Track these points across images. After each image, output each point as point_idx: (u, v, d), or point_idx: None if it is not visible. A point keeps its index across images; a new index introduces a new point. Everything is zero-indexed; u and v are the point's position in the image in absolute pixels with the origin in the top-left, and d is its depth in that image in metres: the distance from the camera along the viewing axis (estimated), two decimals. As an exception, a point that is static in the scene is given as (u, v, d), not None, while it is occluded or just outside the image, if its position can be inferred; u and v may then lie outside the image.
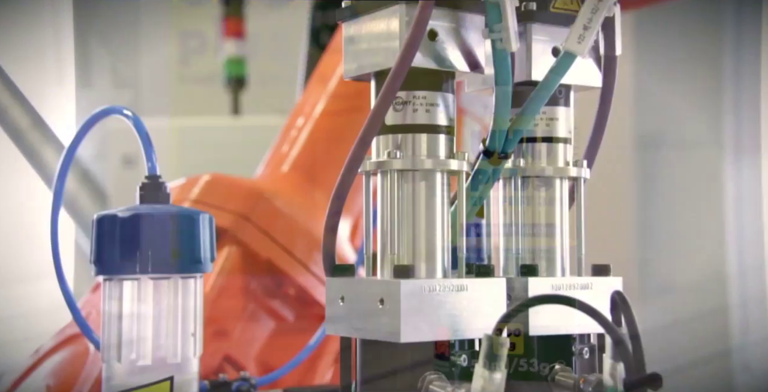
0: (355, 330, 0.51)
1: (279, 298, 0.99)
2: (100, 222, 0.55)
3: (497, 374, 0.43)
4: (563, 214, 0.56)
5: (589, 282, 0.53)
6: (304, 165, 1.04)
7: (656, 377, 0.39)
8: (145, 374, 0.56)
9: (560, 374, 0.52)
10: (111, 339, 0.55)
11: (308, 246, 0.98)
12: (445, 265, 0.52)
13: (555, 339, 0.53)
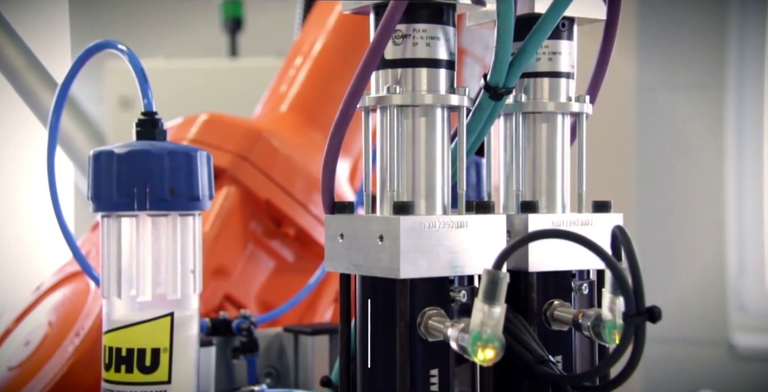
0: (355, 266, 0.51)
1: (278, 238, 0.99)
2: (97, 158, 0.54)
3: (497, 308, 0.43)
4: (564, 150, 0.55)
5: (590, 219, 0.53)
6: (303, 105, 1.03)
7: (655, 310, 0.39)
8: (145, 310, 0.56)
9: (559, 309, 0.52)
10: (110, 274, 0.55)
11: (307, 187, 0.98)
12: (444, 202, 0.51)
13: (554, 275, 0.53)
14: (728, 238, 1.92)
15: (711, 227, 1.92)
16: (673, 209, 1.95)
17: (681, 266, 1.91)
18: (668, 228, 1.94)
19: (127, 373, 0.55)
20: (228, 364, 0.80)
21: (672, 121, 1.95)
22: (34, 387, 0.72)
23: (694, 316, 1.88)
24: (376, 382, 0.50)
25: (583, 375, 0.47)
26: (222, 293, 0.92)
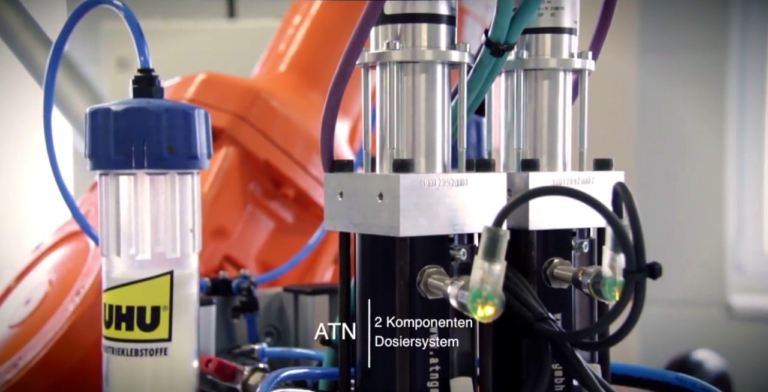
0: (354, 225, 0.51)
1: (278, 199, 0.99)
2: (93, 116, 0.54)
3: (497, 265, 0.43)
4: (566, 108, 0.55)
5: (591, 177, 0.53)
6: (302, 64, 1.02)
7: (655, 266, 0.39)
8: (144, 268, 0.56)
9: (559, 268, 0.52)
10: (109, 233, 0.55)
11: (306, 148, 0.98)
12: (445, 160, 0.51)
13: (554, 234, 0.53)
14: (727, 199, 1.93)
15: (711, 188, 1.92)
16: (673, 171, 1.95)
17: (680, 228, 1.91)
18: (668, 190, 1.94)
19: (128, 331, 0.55)
20: (228, 323, 0.80)
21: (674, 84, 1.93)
22: (35, 345, 0.73)
23: (691, 277, 1.89)
24: (375, 344, 0.50)
25: (583, 331, 0.47)
26: (222, 253, 0.92)
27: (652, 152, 1.94)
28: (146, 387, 0.56)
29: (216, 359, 0.67)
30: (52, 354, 0.72)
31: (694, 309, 1.91)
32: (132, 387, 0.56)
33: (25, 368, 0.72)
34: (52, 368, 0.72)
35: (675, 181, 1.94)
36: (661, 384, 0.54)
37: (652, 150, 1.94)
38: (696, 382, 0.53)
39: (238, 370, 0.67)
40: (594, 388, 0.46)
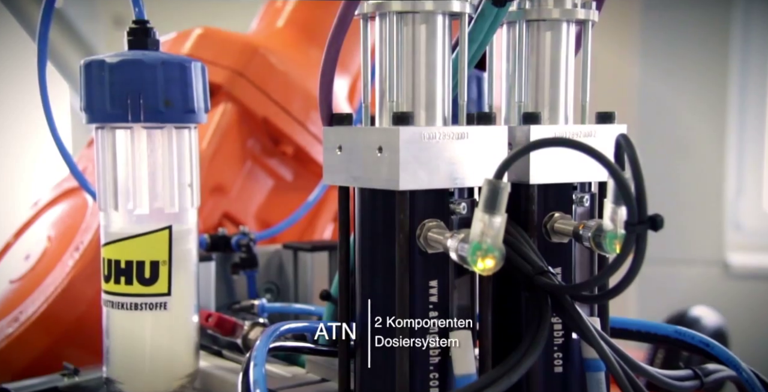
0: (354, 179, 0.50)
1: (277, 157, 0.99)
2: (88, 68, 0.53)
3: (497, 218, 0.43)
4: (569, 60, 0.54)
5: (593, 130, 0.52)
6: (300, 20, 1.01)
7: (657, 218, 0.39)
8: (143, 223, 0.56)
9: (559, 222, 0.51)
10: (106, 187, 0.55)
11: (305, 104, 0.97)
12: (445, 113, 0.50)
13: (555, 188, 0.52)
14: (728, 158, 1.92)
15: (711, 146, 1.91)
16: (674, 128, 1.94)
17: (679, 186, 1.91)
18: (668, 147, 1.93)
19: (127, 285, 0.55)
20: (228, 279, 0.80)
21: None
22: (35, 300, 0.73)
23: (690, 236, 1.90)
24: (375, 294, 0.50)
25: (583, 284, 0.47)
26: (221, 211, 0.92)
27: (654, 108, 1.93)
28: (146, 341, 0.56)
29: (216, 314, 0.67)
30: (53, 309, 0.72)
31: (692, 268, 1.92)
32: (132, 341, 0.56)
33: (26, 322, 0.72)
34: (52, 322, 0.73)
35: (675, 138, 1.93)
36: (660, 337, 0.54)
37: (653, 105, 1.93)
38: (694, 335, 0.53)
39: (238, 325, 0.67)
40: (593, 341, 0.46)
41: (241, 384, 0.44)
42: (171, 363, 0.57)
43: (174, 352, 0.57)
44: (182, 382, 0.59)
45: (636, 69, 1.90)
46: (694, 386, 0.51)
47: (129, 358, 0.56)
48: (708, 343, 0.52)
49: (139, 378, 0.57)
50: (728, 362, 0.52)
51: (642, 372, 0.47)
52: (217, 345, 0.71)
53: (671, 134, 1.93)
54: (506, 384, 0.45)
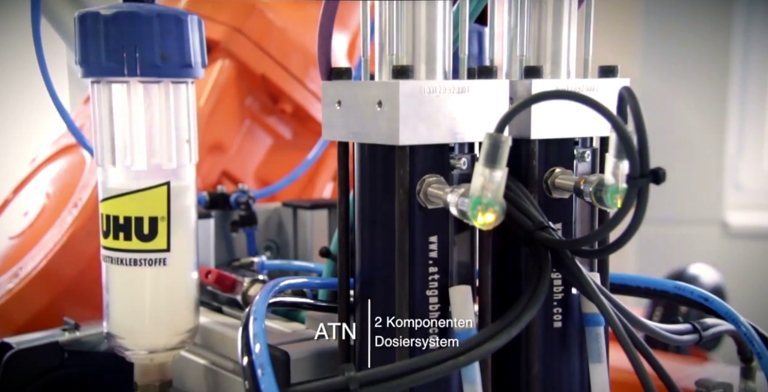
0: (353, 134, 0.50)
1: (275, 115, 0.98)
2: (82, 20, 0.52)
3: (498, 172, 0.42)
4: (571, 13, 0.53)
5: (596, 84, 0.52)
6: (298, -25, 0.99)
7: (659, 171, 0.39)
8: (140, 179, 0.55)
9: (560, 177, 0.51)
10: (103, 142, 0.54)
11: (303, 62, 0.96)
12: (445, 67, 0.50)
13: (556, 143, 0.52)
14: (729, 115, 1.91)
15: (712, 103, 1.90)
16: (676, 85, 1.92)
17: (679, 145, 1.90)
18: (669, 103, 1.92)
19: (126, 241, 0.55)
20: (227, 237, 0.80)
21: None
22: (35, 256, 0.73)
23: (689, 195, 1.89)
24: (375, 251, 0.50)
25: (583, 238, 0.47)
26: (219, 169, 0.92)
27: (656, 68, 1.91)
28: (146, 296, 0.57)
29: (216, 270, 0.67)
30: (52, 265, 0.73)
31: (691, 228, 1.92)
32: (132, 297, 0.57)
33: (25, 278, 0.72)
34: (52, 278, 0.73)
35: (676, 95, 1.92)
36: (659, 292, 0.54)
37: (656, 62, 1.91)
38: (693, 290, 0.53)
39: (238, 281, 0.67)
40: (593, 295, 0.46)
41: (240, 338, 0.44)
42: (171, 319, 0.57)
43: (174, 308, 0.58)
44: (183, 337, 0.59)
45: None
46: (692, 340, 0.51)
47: (129, 313, 0.57)
48: (707, 298, 0.53)
49: (139, 333, 0.57)
50: (727, 316, 0.52)
51: (641, 327, 0.48)
52: (217, 302, 0.72)
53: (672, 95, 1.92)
54: (505, 338, 0.45)
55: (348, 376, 0.43)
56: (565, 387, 0.53)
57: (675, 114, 1.93)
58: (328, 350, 0.58)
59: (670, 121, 1.92)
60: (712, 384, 0.53)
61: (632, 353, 0.44)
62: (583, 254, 0.48)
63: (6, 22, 1.59)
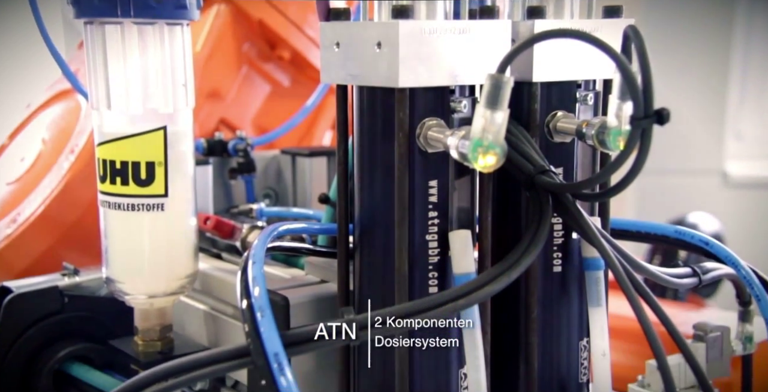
0: (352, 77, 0.49)
1: (273, 62, 0.97)
2: (73, -41, 0.50)
3: (499, 113, 0.42)
4: (576, -49, 0.52)
5: (599, 25, 0.50)
6: None
7: (663, 112, 0.38)
8: (137, 123, 0.55)
9: (562, 121, 0.50)
10: (98, 85, 0.54)
11: (301, 7, 0.94)
12: (446, 7, 0.49)
13: (558, 86, 0.51)
14: (732, 64, 1.89)
15: (715, 52, 1.88)
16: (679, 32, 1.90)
17: (681, 94, 1.89)
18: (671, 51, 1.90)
19: (123, 185, 0.54)
20: (226, 184, 0.80)
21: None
22: (33, 201, 0.73)
23: (690, 146, 1.89)
24: (374, 196, 0.50)
25: (585, 181, 0.46)
26: (217, 116, 0.91)
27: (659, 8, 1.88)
28: (145, 242, 0.56)
29: (214, 217, 0.67)
30: (50, 211, 0.72)
31: (691, 178, 1.92)
32: (130, 242, 0.56)
33: (24, 223, 0.72)
34: (50, 224, 0.73)
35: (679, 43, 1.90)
36: (660, 237, 0.54)
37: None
38: (694, 234, 0.53)
39: (237, 228, 0.67)
40: (594, 239, 0.46)
41: (239, 282, 0.44)
42: (170, 264, 0.57)
43: (173, 253, 0.57)
44: (182, 283, 0.59)
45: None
46: (692, 283, 0.51)
47: (128, 259, 0.57)
48: (707, 242, 0.52)
49: (138, 279, 0.57)
50: (727, 260, 0.52)
51: (641, 270, 0.48)
52: (216, 248, 0.72)
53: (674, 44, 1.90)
54: (505, 281, 0.45)
55: (347, 319, 0.43)
56: (564, 330, 0.53)
57: (676, 63, 1.91)
58: (327, 295, 0.58)
59: (671, 70, 1.90)
60: (709, 328, 0.53)
61: (632, 296, 0.43)
62: (584, 198, 0.48)
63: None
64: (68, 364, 0.62)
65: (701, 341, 0.53)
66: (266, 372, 0.40)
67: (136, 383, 0.40)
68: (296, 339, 0.42)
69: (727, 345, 0.54)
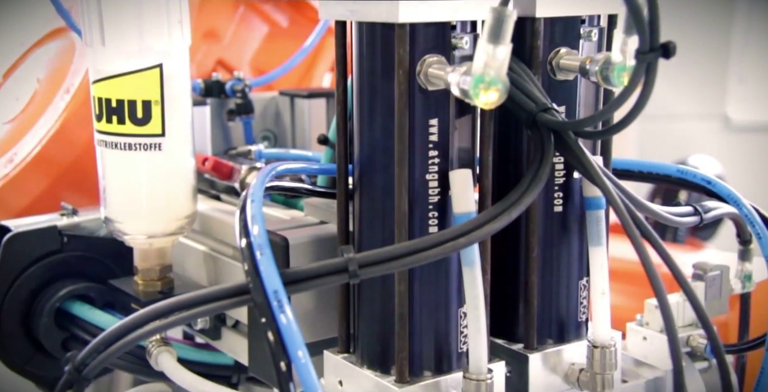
0: (351, 12, 0.48)
1: (271, 1, 0.95)
2: None
3: (501, 48, 0.41)
4: None
5: (605, -43, 0.49)
6: None
7: (670, 45, 0.37)
8: (132, 60, 0.54)
9: (565, 58, 0.49)
10: (91, 21, 0.52)
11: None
12: (448, -61, 0.47)
13: (562, 22, 0.50)
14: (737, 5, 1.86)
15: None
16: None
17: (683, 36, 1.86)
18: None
19: (120, 124, 0.54)
20: (224, 126, 0.79)
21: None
22: (29, 141, 0.72)
23: (692, 90, 1.87)
24: (374, 135, 0.49)
25: (587, 119, 0.46)
26: (214, 57, 0.90)
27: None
28: (143, 181, 0.56)
29: (213, 157, 0.67)
30: (47, 150, 0.72)
31: (693, 122, 1.90)
32: (128, 182, 0.56)
33: (21, 163, 0.72)
34: (48, 164, 0.73)
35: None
36: (662, 176, 0.54)
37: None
38: (696, 173, 0.53)
39: (235, 169, 0.67)
40: (596, 177, 0.45)
41: (238, 220, 0.44)
42: (169, 204, 0.57)
43: (171, 193, 0.57)
44: (181, 223, 0.59)
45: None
46: (694, 221, 0.51)
47: (126, 198, 0.56)
48: (710, 181, 0.52)
49: (137, 218, 0.57)
50: (729, 198, 0.51)
51: (643, 209, 0.47)
52: (214, 190, 0.71)
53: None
54: (506, 220, 0.44)
55: (347, 258, 0.43)
56: (564, 270, 0.53)
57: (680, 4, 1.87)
58: (327, 236, 0.57)
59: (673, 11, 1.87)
60: (709, 267, 0.53)
61: (633, 233, 0.43)
62: (586, 136, 0.47)
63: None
64: (69, 303, 0.62)
65: (700, 280, 0.53)
66: (266, 310, 0.40)
67: (137, 319, 0.40)
68: (296, 277, 0.42)
69: (726, 284, 0.54)
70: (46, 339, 0.62)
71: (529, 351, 0.52)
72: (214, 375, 0.63)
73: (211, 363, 0.65)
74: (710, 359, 0.57)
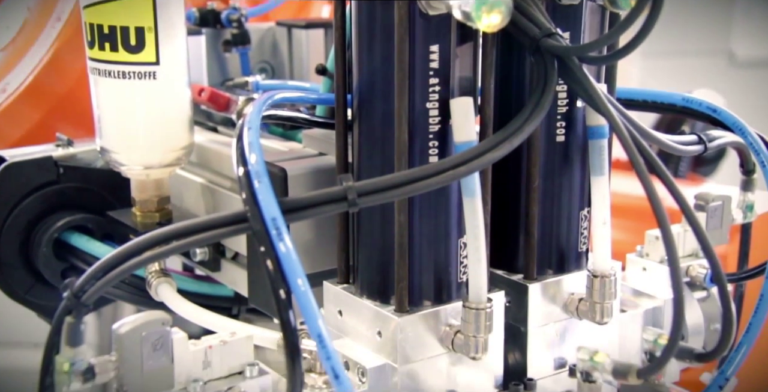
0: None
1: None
2: None
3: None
4: None
5: None
6: None
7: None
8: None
9: (569, -19, 0.48)
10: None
11: None
12: None
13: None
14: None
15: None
16: None
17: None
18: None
19: (113, 52, 0.53)
20: (220, 57, 0.78)
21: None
22: (21, 71, 0.71)
23: (695, 26, 1.84)
24: (373, 63, 0.48)
25: (593, 42, 0.44)
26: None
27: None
28: (137, 111, 0.55)
29: (209, 88, 0.65)
30: (40, 80, 0.71)
31: (696, 58, 1.88)
32: (123, 111, 0.55)
33: (13, 93, 0.71)
34: (41, 94, 0.71)
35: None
36: (666, 105, 0.53)
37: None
38: (702, 101, 0.52)
39: (232, 100, 0.65)
40: (600, 104, 0.44)
41: (235, 149, 0.43)
42: (165, 135, 0.56)
43: (167, 124, 0.56)
44: (178, 154, 0.58)
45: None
46: (698, 150, 0.50)
47: (121, 128, 0.55)
48: (715, 109, 0.51)
49: (133, 149, 0.56)
50: (735, 127, 0.51)
51: (648, 137, 0.46)
52: (211, 122, 0.70)
53: None
54: (507, 148, 0.44)
55: (346, 186, 0.42)
56: (565, 200, 0.52)
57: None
58: (326, 167, 0.57)
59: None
60: (711, 197, 0.53)
61: (638, 163, 0.42)
62: (591, 61, 0.46)
63: None
64: (68, 234, 0.62)
65: (702, 210, 0.53)
66: (264, 238, 0.40)
67: (135, 246, 0.40)
68: (294, 206, 0.42)
69: (727, 214, 0.54)
70: (45, 269, 0.62)
71: (528, 281, 0.52)
72: (213, 307, 0.64)
73: (210, 294, 0.66)
74: (709, 288, 0.57)
